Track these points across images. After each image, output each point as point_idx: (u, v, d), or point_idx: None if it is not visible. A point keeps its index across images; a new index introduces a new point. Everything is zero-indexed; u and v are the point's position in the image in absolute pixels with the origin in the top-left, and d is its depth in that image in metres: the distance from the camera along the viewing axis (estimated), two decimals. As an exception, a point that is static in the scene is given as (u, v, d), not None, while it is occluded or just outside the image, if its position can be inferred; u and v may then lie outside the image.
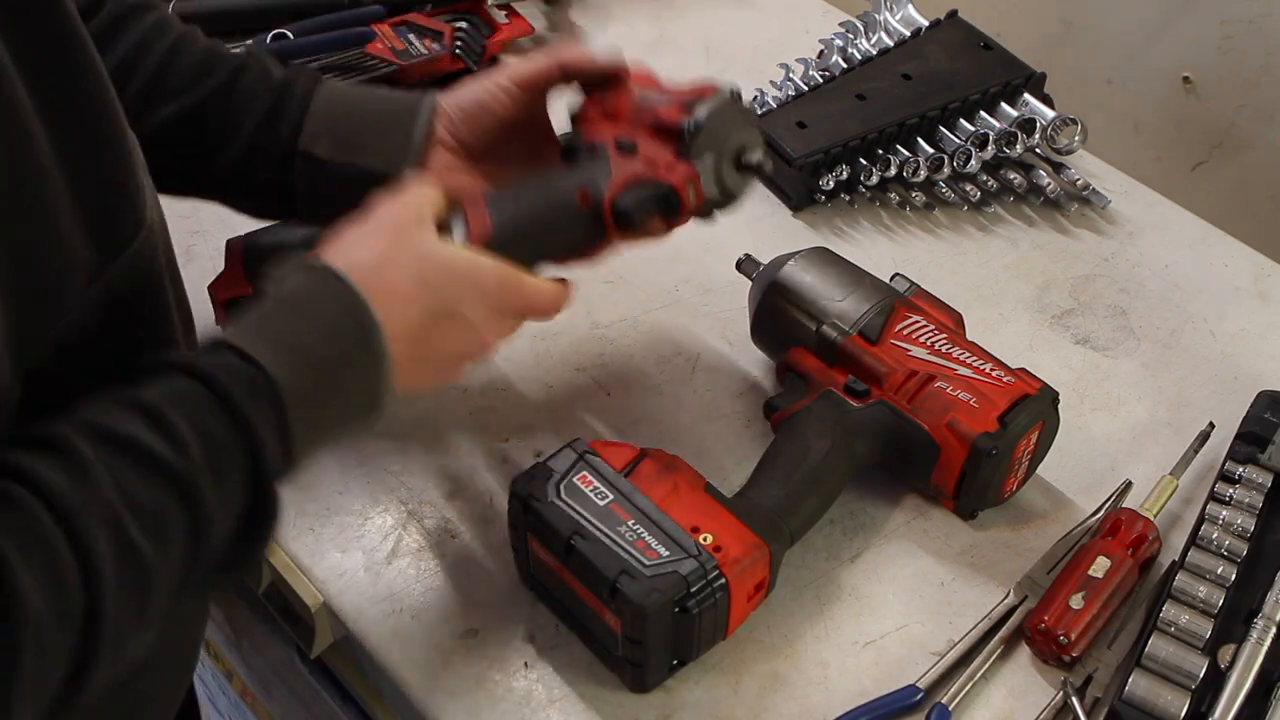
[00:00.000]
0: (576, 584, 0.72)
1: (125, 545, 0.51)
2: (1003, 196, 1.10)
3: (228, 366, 0.57)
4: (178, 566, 0.53)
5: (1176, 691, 0.72)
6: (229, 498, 0.56)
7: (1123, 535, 0.80)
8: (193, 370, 0.56)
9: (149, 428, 0.53)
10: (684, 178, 0.76)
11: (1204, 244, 1.08)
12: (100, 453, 0.51)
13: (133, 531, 0.51)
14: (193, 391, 0.55)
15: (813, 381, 0.84)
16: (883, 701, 0.74)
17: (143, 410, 0.53)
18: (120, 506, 0.51)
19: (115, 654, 0.51)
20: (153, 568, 0.52)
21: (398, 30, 1.17)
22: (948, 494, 0.83)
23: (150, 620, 0.53)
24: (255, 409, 0.56)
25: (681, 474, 0.76)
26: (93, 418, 0.53)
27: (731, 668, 0.76)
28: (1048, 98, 1.13)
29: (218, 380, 0.55)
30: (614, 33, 1.28)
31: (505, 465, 0.87)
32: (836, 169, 1.07)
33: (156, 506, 0.52)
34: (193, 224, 1.04)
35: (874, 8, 1.21)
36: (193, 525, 0.54)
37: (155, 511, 0.52)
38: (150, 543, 0.51)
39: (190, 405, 0.55)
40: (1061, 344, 0.98)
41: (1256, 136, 1.25)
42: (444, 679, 0.76)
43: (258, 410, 0.56)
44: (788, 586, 0.80)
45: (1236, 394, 0.92)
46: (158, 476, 0.52)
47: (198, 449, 0.54)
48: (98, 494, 0.50)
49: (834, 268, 0.89)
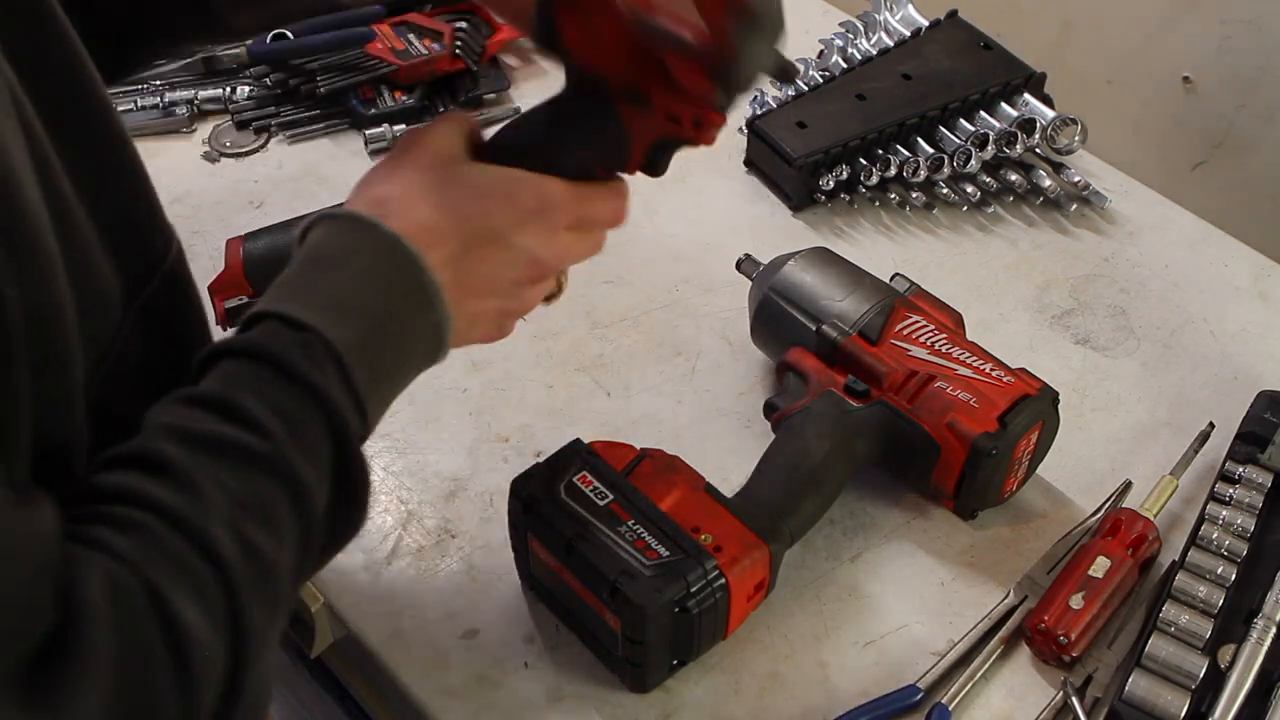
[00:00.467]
0: (576, 584, 0.72)
1: (246, 543, 0.50)
2: (1003, 196, 1.10)
3: (278, 336, 0.54)
4: (293, 549, 0.52)
5: (1176, 691, 0.72)
6: (320, 465, 0.54)
7: (1123, 535, 0.80)
8: (245, 350, 0.54)
9: (223, 419, 0.52)
10: (716, 129, 0.63)
11: (1204, 244, 1.08)
12: (193, 457, 0.50)
13: (249, 528, 0.50)
14: (251, 371, 0.53)
15: (813, 381, 0.84)
16: (883, 701, 0.74)
17: (212, 404, 0.52)
18: (230, 506, 0.50)
19: (261, 655, 0.50)
20: (273, 558, 0.51)
21: (398, 30, 1.17)
22: (948, 494, 0.83)
23: (282, 611, 0.53)
24: (317, 371, 0.54)
25: (681, 474, 0.76)
26: (168, 422, 0.51)
27: (731, 668, 0.76)
28: (1048, 98, 1.13)
29: (272, 352, 0.53)
30: (614, 33, 1.27)
31: (505, 465, 0.87)
32: (836, 169, 1.07)
33: (261, 497, 0.51)
34: (193, 224, 1.04)
35: (874, 8, 1.21)
36: (296, 505, 0.52)
37: (261, 502, 0.51)
38: (266, 534, 0.50)
39: (255, 385, 0.53)
40: (1061, 344, 0.98)
41: (1256, 136, 1.25)
42: (444, 679, 0.76)
43: (320, 372, 0.54)
44: (788, 586, 0.80)
45: (1236, 394, 0.92)
46: (251, 467, 0.51)
47: (277, 427, 0.52)
48: (208, 499, 0.49)
49: (834, 268, 0.89)
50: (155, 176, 0.87)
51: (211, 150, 1.13)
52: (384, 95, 1.16)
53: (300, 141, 1.14)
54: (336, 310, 0.56)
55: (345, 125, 1.16)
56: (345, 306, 0.57)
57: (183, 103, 1.16)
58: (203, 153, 1.13)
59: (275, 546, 0.51)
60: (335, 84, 1.14)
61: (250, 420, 0.52)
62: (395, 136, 1.13)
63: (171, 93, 1.16)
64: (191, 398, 0.53)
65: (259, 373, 0.53)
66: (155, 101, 1.16)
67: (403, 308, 0.59)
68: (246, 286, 0.93)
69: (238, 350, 0.54)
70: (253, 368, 0.53)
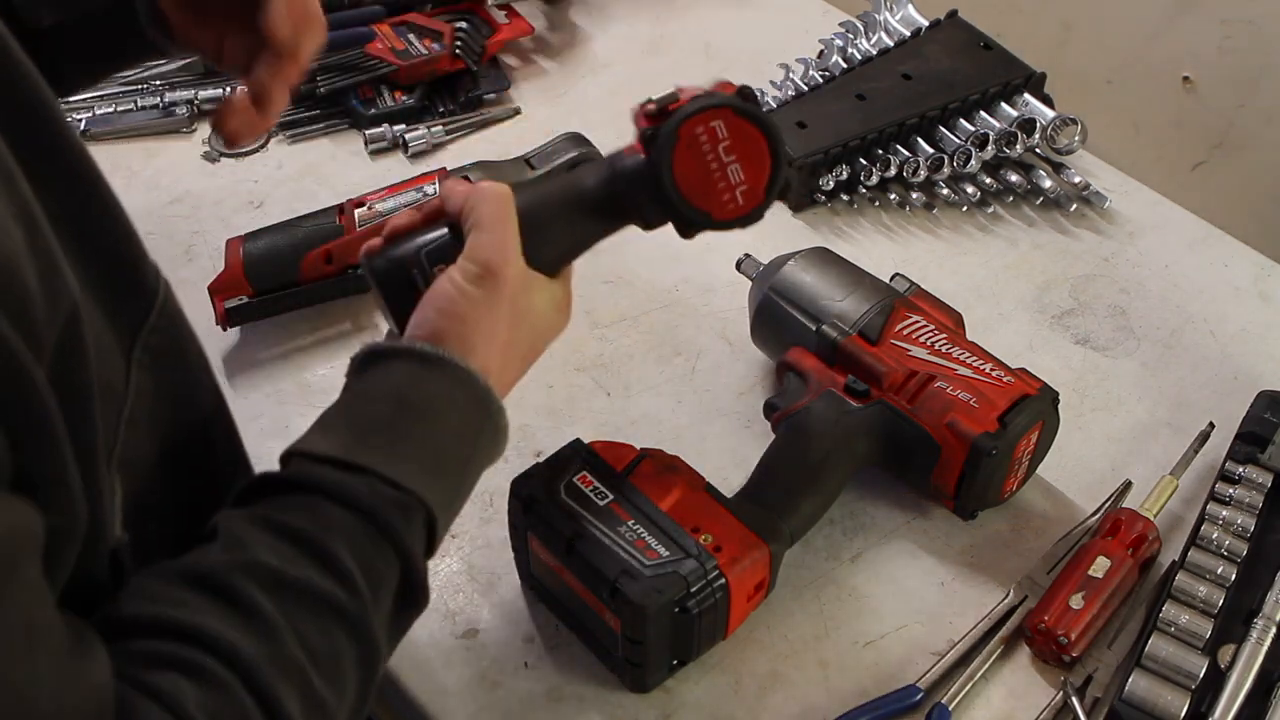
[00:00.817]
0: (576, 584, 0.72)
1: (310, 697, 0.51)
2: (1003, 196, 1.10)
3: (381, 497, 0.56)
4: (352, 698, 0.54)
5: (1176, 691, 0.72)
6: (385, 617, 0.56)
7: (1123, 535, 0.80)
8: (346, 502, 0.55)
9: (320, 570, 0.53)
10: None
11: (1204, 244, 1.08)
12: (279, 603, 0.51)
13: (316, 681, 0.51)
14: (353, 525, 0.55)
15: (813, 381, 0.84)
16: (883, 701, 0.74)
17: (310, 548, 0.53)
18: (303, 658, 0.51)
19: None
20: (333, 710, 0.52)
21: (398, 30, 1.17)
22: (948, 494, 0.83)
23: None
24: (411, 535, 0.57)
25: (681, 474, 0.76)
26: (260, 558, 0.52)
27: (731, 668, 0.76)
28: (1048, 98, 1.13)
29: (378, 515, 0.55)
30: (614, 33, 1.28)
31: (505, 465, 0.87)
32: (836, 169, 1.07)
33: (334, 651, 0.52)
34: (193, 224, 1.04)
35: (874, 8, 1.21)
36: (363, 658, 0.54)
37: (333, 656, 0.52)
38: (330, 687, 0.52)
39: (353, 539, 0.54)
40: (1061, 344, 0.98)
41: (1256, 136, 1.25)
42: (444, 679, 0.76)
43: (413, 535, 0.57)
44: (788, 586, 0.80)
45: (1236, 394, 0.92)
46: (332, 621, 0.53)
47: (364, 585, 0.54)
48: (283, 650, 0.50)
49: (834, 268, 0.89)
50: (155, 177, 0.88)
51: (211, 150, 1.13)
52: (384, 95, 1.16)
53: (300, 141, 1.14)
54: (434, 471, 0.59)
55: (345, 125, 1.16)
56: (441, 465, 0.60)
57: (183, 103, 1.16)
58: (203, 153, 1.13)
59: (337, 702, 0.52)
60: (335, 84, 1.14)
61: (343, 575, 0.53)
62: (395, 136, 1.13)
63: (171, 93, 1.16)
64: (283, 532, 0.54)
65: (361, 530, 0.55)
66: (155, 101, 1.16)
67: (486, 452, 0.64)
68: (246, 286, 0.93)
69: (337, 497, 0.55)
70: (356, 523, 0.55)
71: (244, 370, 0.93)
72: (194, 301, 0.95)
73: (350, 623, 0.53)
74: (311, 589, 0.52)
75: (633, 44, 1.26)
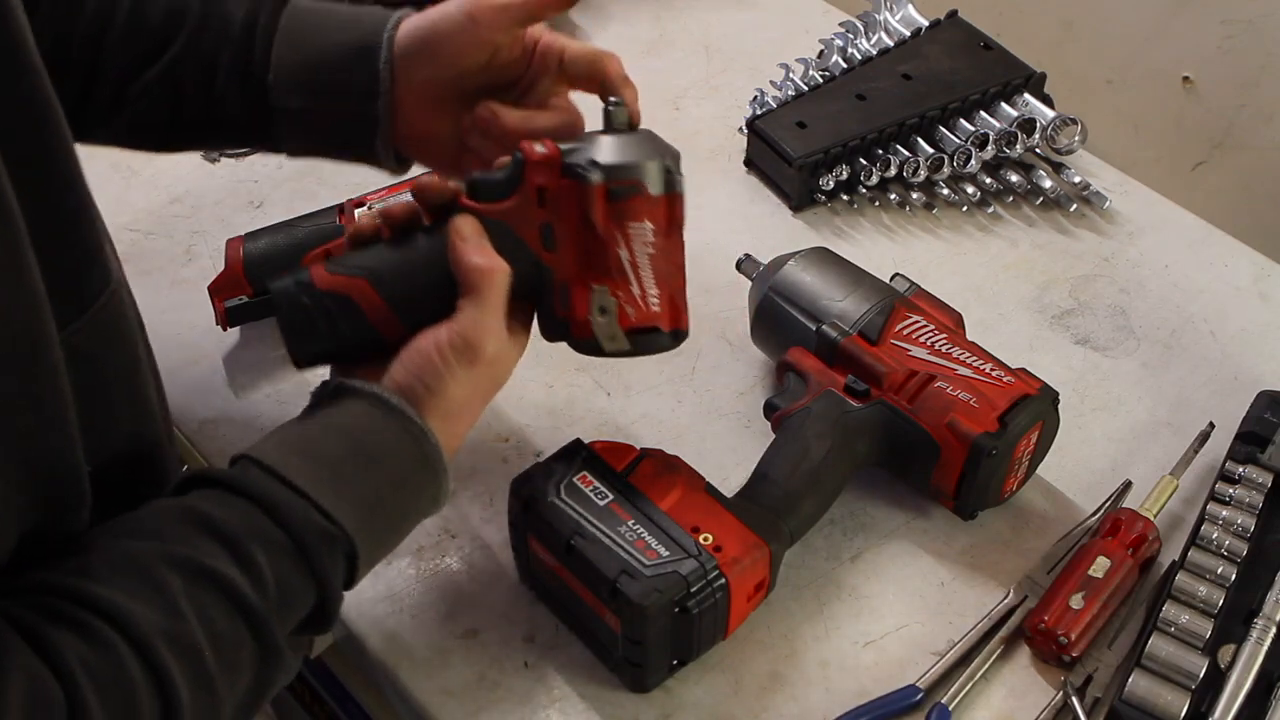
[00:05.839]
0: (576, 584, 0.72)
1: (201, 675, 0.53)
2: (1003, 196, 1.10)
3: (309, 521, 0.59)
4: (243, 693, 0.56)
5: (1176, 691, 0.72)
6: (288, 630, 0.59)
7: (1123, 535, 0.80)
8: (276, 515, 0.58)
9: (236, 564, 0.55)
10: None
11: (1204, 244, 1.08)
12: (187, 584, 0.53)
13: (210, 662, 0.53)
14: (274, 535, 0.58)
15: (813, 381, 0.84)
16: (883, 701, 0.74)
17: (227, 542, 0.56)
18: (201, 638, 0.53)
19: None
20: (223, 696, 0.54)
21: (398, 30, 1.17)
22: (948, 494, 0.83)
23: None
24: (332, 566, 0.60)
25: (681, 474, 0.76)
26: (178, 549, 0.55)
27: (731, 668, 0.76)
28: (1048, 98, 1.13)
29: (305, 540, 0.58)
30: (614, 33, 1.27)
31: (505, 465, 0.87)
32: (836, 169, 1.07)
33: (233, 639, 0.55)
34: (193, 224, 1.04)
35: (874, 8, 1.21)
36: (262, 658, 0.56)
37: (231, 643, 0.55)
38: (223, 673, 0.54)
39: (271, 548, 0.57)
40: (1061, 344, 0.98)
41: (1256, 136, 1.25)
42: (444, 679, 0.76)
43: (334, 566, 0.60)
44: (788, 586, 0.80)
45: (1236, 394, 0.92)
46: (238, 612, 0.55)
47: (274, 593, 0.57)
48: (182, 628, 0.52)
49: (834, 268, 0.89)
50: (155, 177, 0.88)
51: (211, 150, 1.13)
52: (384, 95, 1.16)
53: (300, 141, 1.14)
54: (368, 514, 0.62)
55: (345, 125, 1.16)
56: (376, 511, 0.63)
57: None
58: (203, 152, 1.13)
59: (228, 690, 0.54)
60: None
61: (257, 576, 0.56)
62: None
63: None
64: (207, 526, 0.56)
65: (283, 546, 0.58)
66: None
67: (421, 508, 0.67)
68: (246, 286, 0.93)
69: (269, 507, 0.58)
70: (280, 538, 0.58)
71: (244, 370, 0.93)
72: (194, 301, 0.95)
73: (254, 620, 0.55)
74: (222, 578, 0.54)
75: (633, 44, 1.25)
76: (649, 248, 0.69)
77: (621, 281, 0.69)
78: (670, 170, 0.70)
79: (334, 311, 0.69)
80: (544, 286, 0.70)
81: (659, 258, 0.70)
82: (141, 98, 0.75)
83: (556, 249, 0.69)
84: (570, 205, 0.68)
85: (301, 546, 0.58)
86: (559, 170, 0.68)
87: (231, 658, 0.55)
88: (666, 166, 0.69)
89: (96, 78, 0.75)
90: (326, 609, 0.60)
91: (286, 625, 0.58)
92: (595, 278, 0.69)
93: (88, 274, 0.57)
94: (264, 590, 0.56)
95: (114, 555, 0.54)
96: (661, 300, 0.70)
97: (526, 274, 0.69)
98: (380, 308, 0.68)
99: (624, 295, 0.69)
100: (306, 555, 0.58)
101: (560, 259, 0.69)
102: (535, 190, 0.68)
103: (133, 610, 0.51)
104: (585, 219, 0.68)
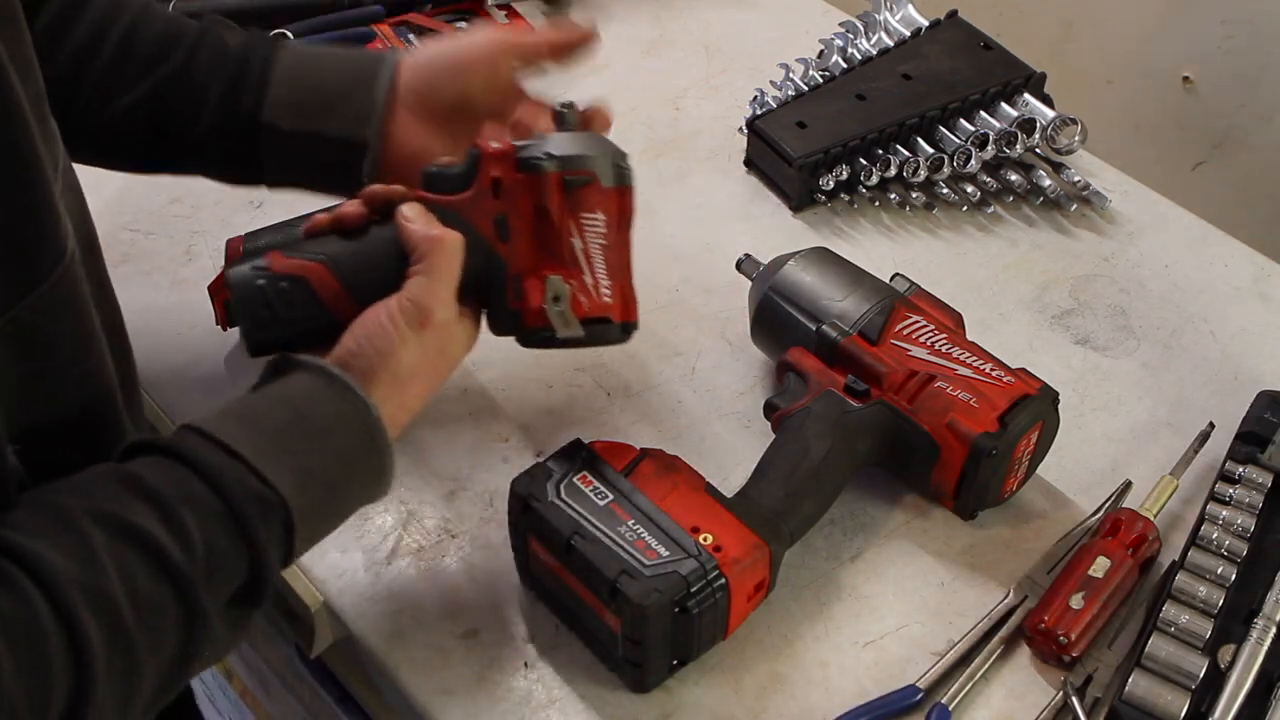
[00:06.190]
0: (576, 584, 0.72)
1: (119, 633, 0.51)
2: (1003, 196, 1.10)
3: (243, 483, 0.58)
4: (167, 660, 0.54)
5: (1176, 691, 0.72)
6: (220, 601, 0.57)
7: (1123, 535, 0.80)
8: (209, 478, 0.57)
9: (160, 522, 0.54)
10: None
11: (1204, 244, 1.08)
12: (109, 539, 0.52)
13: (128, 620, 0.52)
14: (206, 499, 0.56)
15: (813, 381, 0.84)
16: (883, 701, 0.74)
17: (156, 503, 0.55)
18: (120, 595, 0.51)
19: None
20: (142, 658, 0.53)
21: (398, 30, 1.17)
22: (948, 494, 0.83)
23: (135, 711, 0.54)
24: (266, 529, 0.58)
25: (681, 474, 0.76)
26: (105, 505, 0.54)
27: (731, 668, 0.76)
28: (1048, 98, 1.13)
29: (237, 503, 0.57)
30: (614, 33, 1.27)
31: (505, 465, 0.87)
32: (836, 169, 1.07)
33: (155, 599, 0.53)
34: (193, 224, 1.04)
35: (874, 8, 1.21)
36: (186, 622, 0.55)
37: (153, 604, 0.53)
38: (145, 633, 0.52)
39: (202, 511, 0.56)
40: (1061, 344, 0.98)
41: (1256, 136, 1.25)
42: (444, 679, 0.76)
43: (268, 530, 0.58)
44: (788, 586, 0.80)
45: (1236, 394, 0.92)
46: (161, 572, 0.53)
47: (202, 555, 0.55)
48: (98, 578, 0.51)
49: (834, 268, 0.89)
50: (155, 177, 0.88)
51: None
52: (384, 95, 1.16)
53: (300, 141, 1.14)
54: (305, 480, 0.61)
55: (345, 125, 1.16)
56: (314, 477, 0.61)
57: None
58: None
59: (148, 651, 0.53)
60: (335, 84, 1.14)
61: (183, 535, 0.54)
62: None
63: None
64: (139, 487, 0.55)
65: (213, 506, 0.56)
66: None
67: (363, 481, 0.66)
68: (246, 286, 0.93)
69: (204, 473, 0.57)
70: (210, 498, 0.56)
71: (244, 370, 0.93)
72: (194, 301, 0.95)
73: (178, 580, 0.54)
74: (145, 536, 0.53)
75: (633, 44, 1.26)
76: (601, 238, 0.72)
77: (575, 271, 0.72)
78: (620, 165, 0.73)
79: (290, 294, 0.70)
80: (496, 278, 0.72)
81: (610, 250, 0.73)
82: (125, 116, 0.76)
83: (510, 240, 0.72)
84: (525, 197, 0.71)
85: (234, 511, 0.57)
86: (515, 163, 0.71)
87: (152, 620, 0.53)
88: (617, 161, 0.73)
89: (79, 92, 0.75)
90: (260, 578, 0.58)
91: (216, 593, 0.56)
92: (549, 267, 0.72)
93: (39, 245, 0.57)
94: (191, 552, 0.54)
95: (39, 507, 0.53)
96: (614, 292, 0.73)
97: (479, 265, 0.71)
98: (335, 290, 0.70)
99: (577, 284, 0.72)
100: (239, 520, 0.57)
101: (514, 250, 0.72)
102: (490, 182, 0.71)
103: (50, 560, 0.50)
104: (540, 209, 0.71)
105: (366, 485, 0.66)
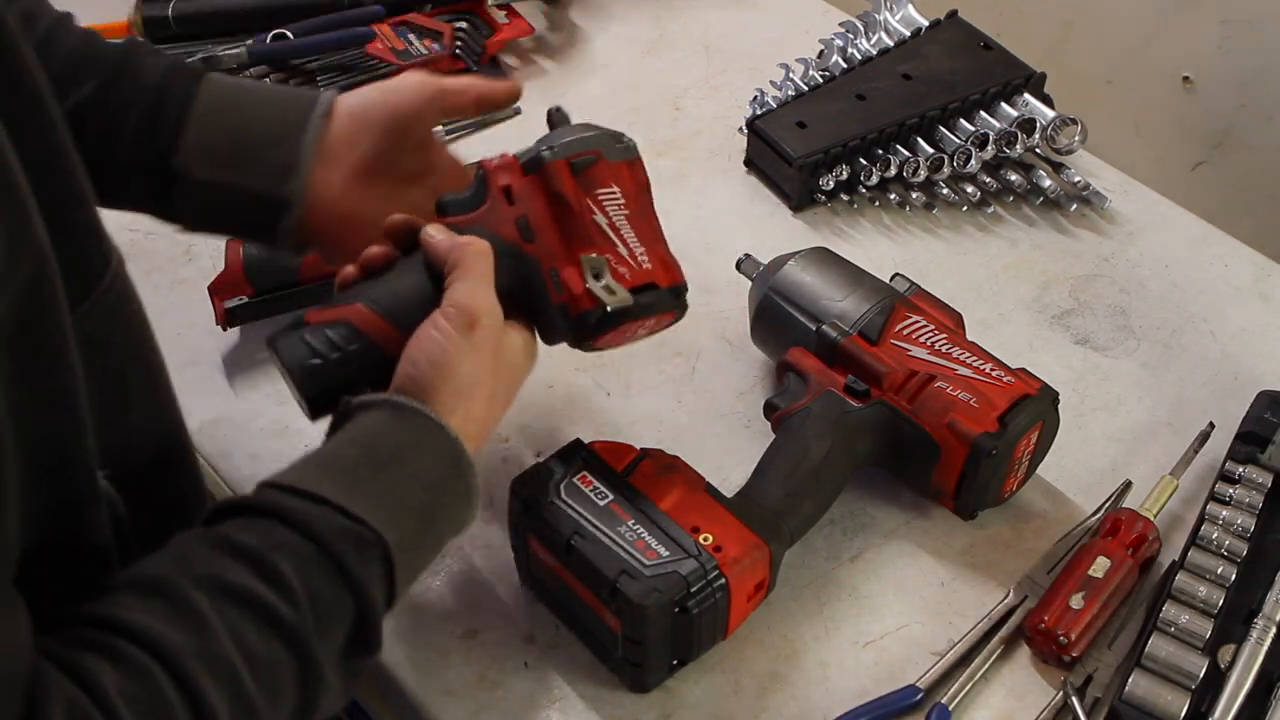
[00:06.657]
0: (576, 584, 0.72)
1: (241, 698, 0.50)
2: (1003, 196, 1.10)
3: (332, 522, 0.56)
4: (288, 715, 0.54)
5: (1176, 691, 0.72)
6: (333, 649, 0.56)
7: (1123, 535, 0.80)
8: (297, 525, 0.55)
9: (260, 578, 0.53)
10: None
11: (1204, 244, 1.08)
12: (215, 603, 0.51)
13: (248, 684, 0.51)
14: (298, 545, 0.55)
15: (813, 381, 0.84)
16: (883, 701, 0.74)
17: (249, 558, 0.53)
18: (236, 657, 0.51)
19: None
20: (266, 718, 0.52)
21: (398, 30, 1.17)
22: (948, 494, 0.83)
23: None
24: (365, 567, 0.57)
25: (681, 474, 0.76)
26: (201, 569, 0.52)
27: (731, 668, 0.76)
28: (1048, 98, 1.13)
29: (325, 539, 0.55)
30: (614, 33, 1.27)
31: (505, 465, 0.87)
32: (836, 169, 1.07)
33: (270, 658, 0.52)
34: (193, 224, 1.04)
35: (874, 8, 1.21)
36: (302, 676, 0.54)
37: (269, 663, 0.52)
38: (264, 694, 0.51)
39: (297, 558, 0.55)
40: (1061, 344, 0.98)
41: (1256, 136, 1.25)
42: (444, 679, 0.76)
43: (366, 567, 0.57)
44: (788, 586, 0.80)
45: (1236, 394, 0.92)
46: (270, 628, 0.52)
47: (306, 603, 0.54)
48: (212, 645, 0.50)
49: (834, 268, 0.89)
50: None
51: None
52: (384, 95, 1.16)
53: (300, 141, 1.14)
54: (392, 511, 0.59)
55: (345, 125, 1.16)
56: (402, 507, 0.60)
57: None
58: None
59: (270, 709, 0.52)
60: (335, 84, 1.14)
61: (284, 589, 0.53)
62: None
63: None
64: (229, 547, 0.54)
65: (306, 550, 0.55)
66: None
67: (451, 505, 0.64)
68: (246, 286, 0.93)
69: (291, 520, 0.56)
70: (303, 546, 0.55)
71: (244, 370, 0.93)
72: (194, 301, 0.95)
73: (288, 635, 0.53)
74: (247, 594, 0.52)
75: (632, 44, 1.26)
76: (622, 210, 0.72)
77: (607, 245, 0.72)
78: (621, 141, 0.75)
79: (334, 339, 0.69)
80: (533, 281, 0.72)
81: (636, 219, 0.73)
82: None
83: (536, 238, 0.72)
84: (538, 194, 0.72)
85: (328, 551, 0.55)
86: (520, 169, 0.72)
87: (270, 678, 0.52)
88: (615, 137, 0.74)
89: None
90: (368, 620, 0.57)
91: (327, 641, 0.55)
92: (581, 249, 0.71)
93: (88, 250, 0.56)
94: (294, 603, 0.53)
95: (140, 582, 0.52)
96: (651, 258, 0.73)
97: (512, 271, 0.71)
98: (378, 324, 0.69)
99: (613, 257, 0.71)
100: (334, 560, 0.55)
101: (541, 246, 0.72)
102: (502, 191, 0.72)
103: (164, 634, 0.49)
104: (555, 197, 0.71)
105: (455, 508, 0.64)
